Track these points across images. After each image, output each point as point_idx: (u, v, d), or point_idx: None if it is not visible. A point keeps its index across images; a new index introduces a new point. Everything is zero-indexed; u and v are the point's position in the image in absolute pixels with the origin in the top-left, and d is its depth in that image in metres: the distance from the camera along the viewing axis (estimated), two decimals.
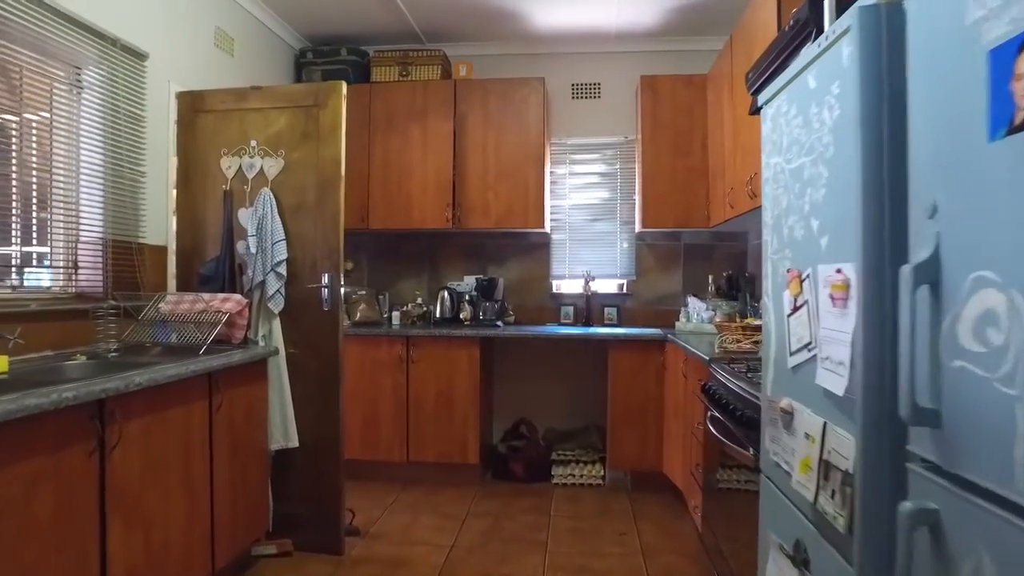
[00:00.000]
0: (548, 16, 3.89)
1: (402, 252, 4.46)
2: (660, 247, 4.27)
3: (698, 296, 3.95)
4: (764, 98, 1.55)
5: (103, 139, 2.54)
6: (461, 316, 4.09)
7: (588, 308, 4.22)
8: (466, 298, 4.12)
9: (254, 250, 2.73)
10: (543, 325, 4.19)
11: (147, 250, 2.78)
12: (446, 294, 4.13)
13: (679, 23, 3.97)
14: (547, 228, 4.19)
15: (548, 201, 4.16)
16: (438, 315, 4.13)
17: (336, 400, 2.80)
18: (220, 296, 2.64)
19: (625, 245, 4.33)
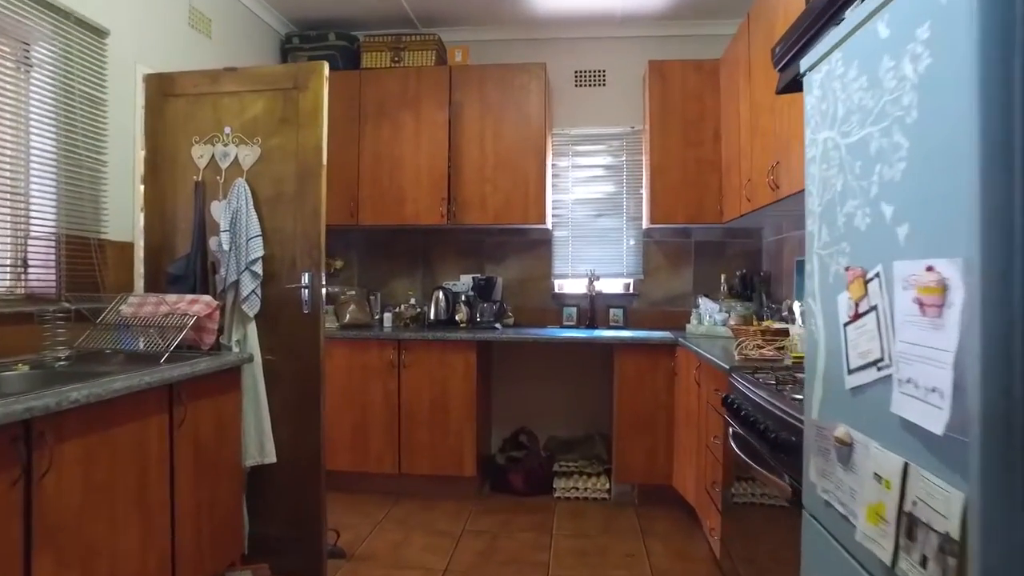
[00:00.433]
0: None
1: (394, 249, 4.23)
2: (669, 244, 4.04)
3: (710, 297, 3.70)
4: (809, 62, 1.30)
5: (55, 123, 2.29)
6: (457, 318, 3.88)
7: (592, 309, 3.98)
8: (462, 299, 3.92)
9: (227, 247, 2.49)
10: (544, 327, 3.95)
11: (109, 247, 2.53)
12: (441, 294, 3.92)
13: (688, 6, 3.73)
14: (548, 224, 3.95)
15: (549, 195, 3.92)
16: (433, 317, 3.93)
17: (317, 411, 2.56)
18: (188, 297, 2.39)
19: (632, 242, 4.09)
